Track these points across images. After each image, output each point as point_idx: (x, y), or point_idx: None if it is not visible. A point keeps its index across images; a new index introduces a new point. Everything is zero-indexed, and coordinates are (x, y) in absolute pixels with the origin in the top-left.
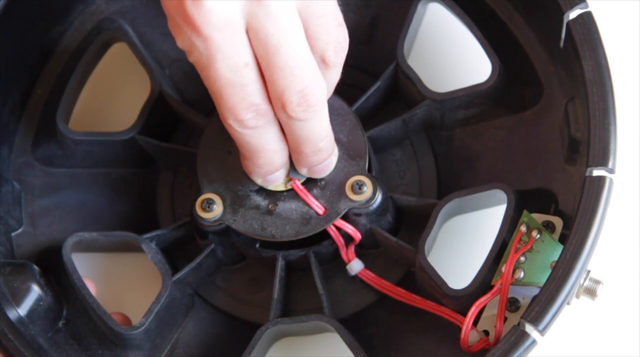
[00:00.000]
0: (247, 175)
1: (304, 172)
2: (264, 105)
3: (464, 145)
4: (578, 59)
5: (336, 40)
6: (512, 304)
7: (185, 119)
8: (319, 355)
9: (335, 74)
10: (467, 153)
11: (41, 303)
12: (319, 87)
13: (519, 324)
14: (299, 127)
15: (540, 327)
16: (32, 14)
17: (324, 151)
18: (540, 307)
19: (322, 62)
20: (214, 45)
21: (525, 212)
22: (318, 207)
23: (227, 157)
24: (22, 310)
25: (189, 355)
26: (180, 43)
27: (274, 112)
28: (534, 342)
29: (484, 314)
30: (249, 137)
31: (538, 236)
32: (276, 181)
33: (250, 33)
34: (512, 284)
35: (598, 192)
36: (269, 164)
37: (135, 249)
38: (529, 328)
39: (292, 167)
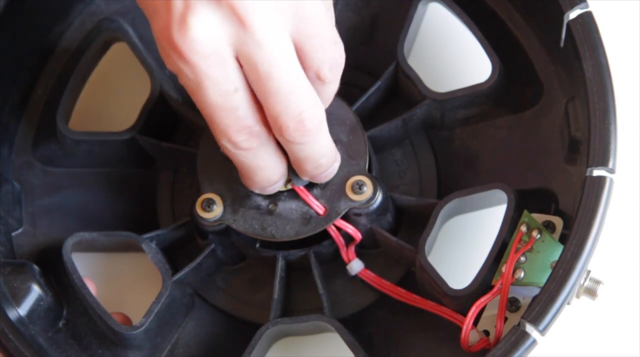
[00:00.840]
0: None
1: (306, 179)
2: (257, 127)
3: (464, 145)
4: (578, 59)
5: (332, 57)
6: (513, 304)
7: (186, 119)
8: (319, 355)
9: (331, 89)
10: (467, 153)
11: (41, 303)
12: (316, 110)
13: (519, 324)
14: (298, 150)
15: (541, 327)
16: (32, 14)
17: (325, 166)
18: (540, 307)
19: (318, 79)
20: (201, 72)
21: (525, 212)
22: (318, 207)
23: (227, 157)
24: (22, 310)
25: (189, 355)
26: (169, 66)
27: (271, 133)
28: (534, 342)
29: (484, 314)
30: (244, 158)
31: (538, 236)
32: (275, 191)
33: (241, 59)
34: (512, 284)
35: (598, 192)
36: (266, 180)
37: (136, 249)
38: (529, 328)
39: (293, 173)
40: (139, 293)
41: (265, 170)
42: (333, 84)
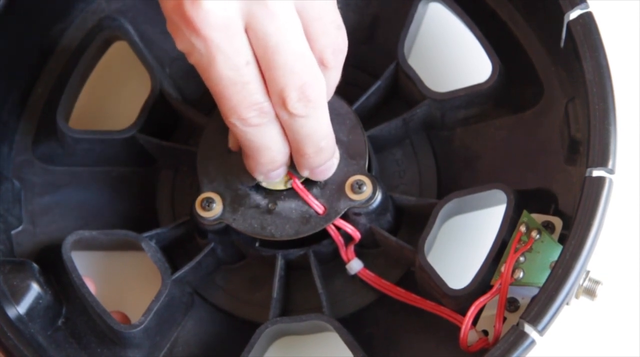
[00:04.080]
0: (247, 172)
1: (306, 174)
2: (266, 103)
3: (464, 145)
4: (578, 59)
5: (335, 42)
6: (512, 304)
7: (186, 118)
8: (318, 354)
9: (334, 76)
10: (467, 153)
11: (40, 301)
12: (319, 83)
13: (518, 324)
14: (300, 125)
15: (540, 327)
16: (33, 13)
17: (325, 151)
18: (539, 307)
19: (321, 64)
20: (214, 45)
21: (524, 212)
22: (318, 207)
23: (227, 156)
24: (22, 308)
25: (189, 354)
26: (179, 45)
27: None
28: (533, 342)
29: (483, 314)
30: (252, 135)
31: (537, 236)
32: (277, 178)
33: (250, 32)
34: (511, 284)
35: (598, 193)
36: (271, 162)
37: (135, 247)
38: (528, 328)
39: (294, 168)
40: (139, 292)
41: (271, 150)
42: (335, 71)
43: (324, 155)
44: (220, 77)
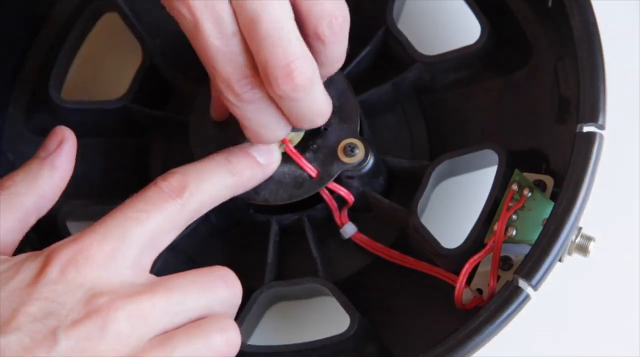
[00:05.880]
0: (239, 141)
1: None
2: (258, 78)
3: (454, 108)
4: (566, 17)
5: (330, 14)
6: (505, 263)
7: (177, 87)
8: (314, 319)
9: (335, 52)
10: (458, 116)
11: None
12: (306, 64)
13: (512, 279)
14: (291, 106)
15: (533, 282)
16: None
17: (321, 122)
18: (532, 262)
19: (317, 38)
20: (198, 11)
21: (516, 170)
22: (311, 170)
23: (219, 124)
24: None
25: None
26: (169, 10)
27: None
28: (527, 297)
29: (477, 271)
30: (249, 112)
31: (529, 194)
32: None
33: (233, 1)
34: (504, 241)
35: (588, 148)
36: (274, 138)
37: None
38: (522, 283)
39: None
40: None
41: (269, 128)
42: (335, 46)
43: (320, 123)
44: (209, 45)
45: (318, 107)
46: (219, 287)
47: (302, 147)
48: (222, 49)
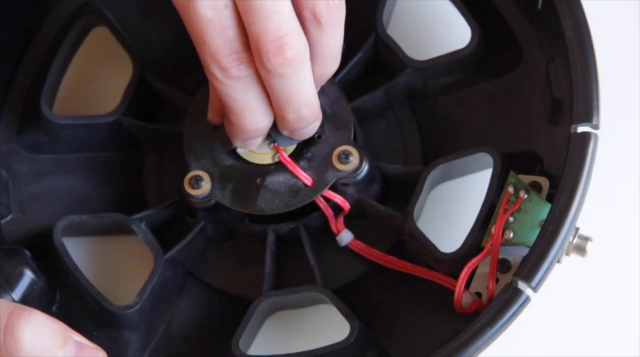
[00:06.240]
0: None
1: (285, 133)
2: (247, 54)
3: (446, 112)
4: (556, 18)
5: None
6: (503, 265)
7: (169, 99)
8: (313, 328)
9: (332, 36)
10: (450, 120)
11: (35, 287)
12: (297, 39)
13: (511, 282)
14: (279, 85)
15: (533, 283)
16: (10, 2)
17: (306, 120)
18: (532, 264)
19: (314, 19)
20: None
21: (511, 172)
22: (306, 178)
23: (212, 134)
24: (16, 294)
25: (184, 333)
26: None
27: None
28: (527, 299)
29: (476, 274)
30: (234, 91)
31: (525, 196)
32: (255, 145)
33: None
34: (502, 244)
35: (584, 148)
36: (255, 125)
37: (125, 231)
38: (521, 285)
39: (275, 130)
40: (130, 277)
41: (254, 112)
42: (332, 29)
43: (305, 123)
44: (199, 17)
45: (305, 94)
46: None
47: (296, 155)
48: (214, 20)
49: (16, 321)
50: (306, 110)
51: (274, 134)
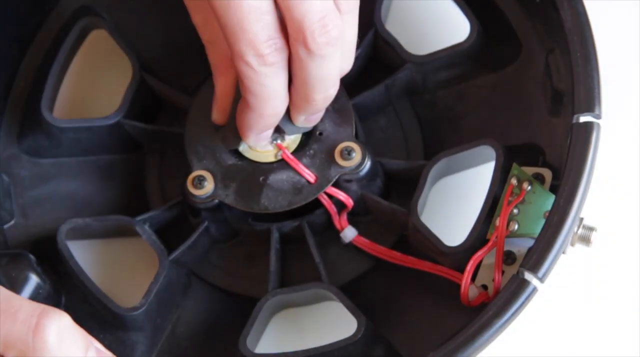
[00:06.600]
0: (231, 137)
1: (301, 120)
2: (281, 41)
3: (447, 107)
4: (556, 9)
5: None
6: (508, 257)
7: (169, 101)
8: (320, 325)
9: (350, 23)
10: (451, 115)
11: (40, 291)
12: (339, 19)
13: (518, 272)
14: (316, 66)
15: (540, 274)
16: (8, 5)
17: (329, 99)
18: (538, 254)
19: (337, 7)
20: None
21: (514, 165)
22: (309, 175)
23: (214, 134)
24: None
25: (191, 333)
26: None
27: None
28: (534, 289)
29: (481, 267)
30: (265, 78)
31: (529, 187)
32: (266, 140)
33: None
34: (507, 236)
35: (587, 138)
36: (273, 114)
37: (129, 233)
38: (528, 276)
39: (286, 119)
40: (135, 279)
41: (276, 99)
42: (350, 17)
43: (327, 103)
44: (241, 4)
45: (335, 72)
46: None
47: (298, 153)
48: (254, 5)
49: (46, 322)
50: (333, 89)
51: (283, 123)
